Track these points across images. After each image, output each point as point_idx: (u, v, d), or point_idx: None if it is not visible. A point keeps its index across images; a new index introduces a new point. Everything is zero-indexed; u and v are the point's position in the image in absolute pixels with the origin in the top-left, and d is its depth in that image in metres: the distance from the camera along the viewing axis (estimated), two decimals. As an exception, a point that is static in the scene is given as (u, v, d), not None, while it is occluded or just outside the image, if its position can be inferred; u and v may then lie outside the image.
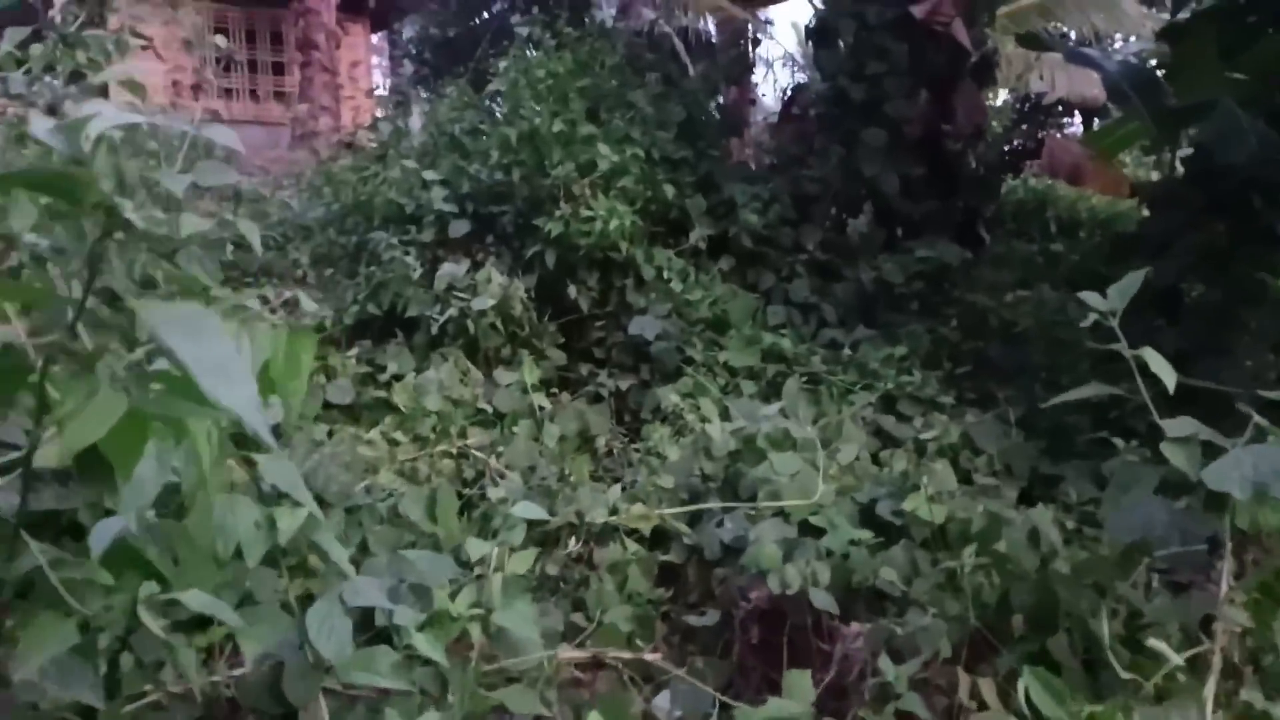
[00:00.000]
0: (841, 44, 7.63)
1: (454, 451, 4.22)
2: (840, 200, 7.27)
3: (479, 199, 6.54)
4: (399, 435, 4.30)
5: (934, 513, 3.56)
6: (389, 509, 3.45)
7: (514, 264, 6.19)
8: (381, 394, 5.29)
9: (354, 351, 5.75)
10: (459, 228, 6.37)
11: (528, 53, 7.18)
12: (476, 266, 6.22)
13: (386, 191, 6.78)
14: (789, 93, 7.96)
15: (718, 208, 6.76)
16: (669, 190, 6.21)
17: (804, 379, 5.44)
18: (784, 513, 3.80)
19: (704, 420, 4.36)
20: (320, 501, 3.31)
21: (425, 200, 6.50)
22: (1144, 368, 2.31)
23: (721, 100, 8.99)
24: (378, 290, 6.04)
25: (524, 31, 7.40)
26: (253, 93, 18.40)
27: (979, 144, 7.62)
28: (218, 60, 17.77)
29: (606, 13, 22.17)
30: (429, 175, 6.39)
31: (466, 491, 4.17)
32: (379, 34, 28.43)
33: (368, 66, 19.68)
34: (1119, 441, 4.40)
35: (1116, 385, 5.24)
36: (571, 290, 5.87)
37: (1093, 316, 2.42)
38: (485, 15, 26.18)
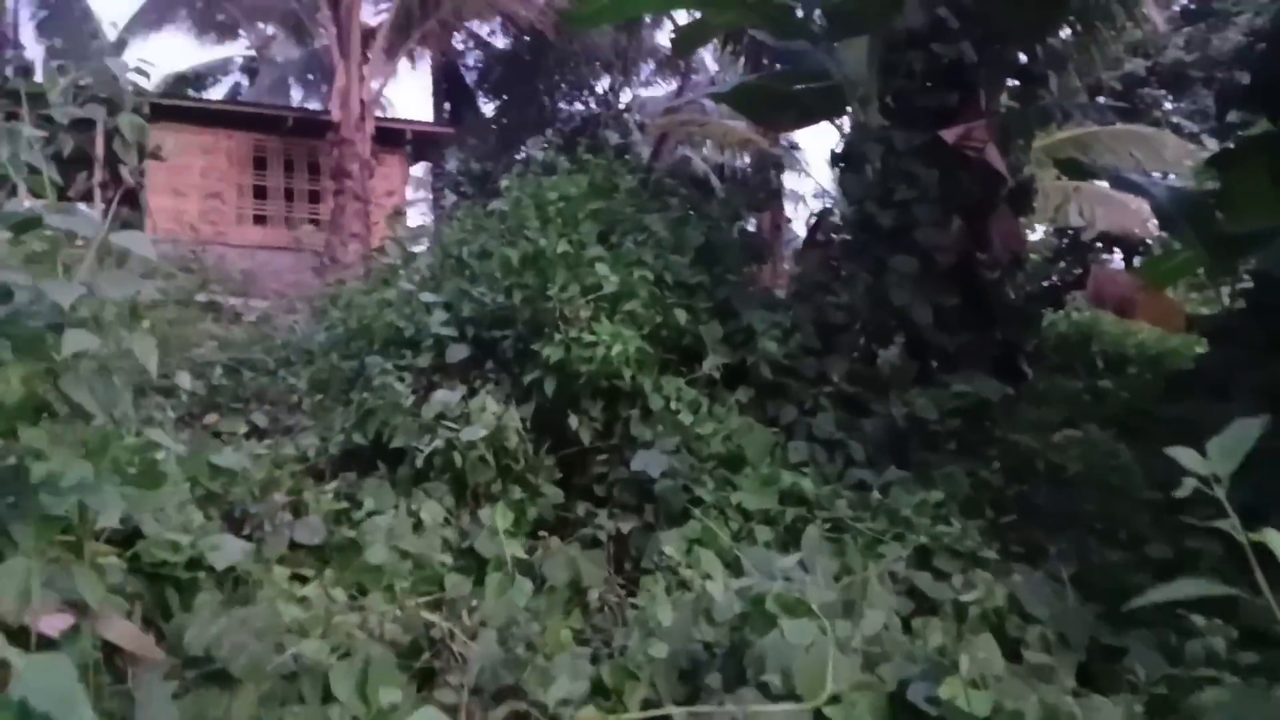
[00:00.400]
0: (869, 169, 7.31)
1: (399, 612, 3.63)
2: (868, 330, 6.79)
3: (480, 323, 6.15)
4: (339, 592, 3.73)
5: (977, 703, 2.93)
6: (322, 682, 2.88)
7: (513, 391, 5.73)
8: (353, 534, 4.77)
9: (332, 485, 5.27)
10: (457, 352, 5.96)
11: (542, 179, 6.91)
12: (474, 393, 5.78)
13: (387, 314, 6.42)
14: (814, 218, 7.62)
15: (735, 335, 6.30)
16: (681, 316, 5.78)
17: (827, 525, 4.85)
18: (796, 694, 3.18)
19: (706, 577, 3.77)
20: (225, 677, 2.76)
21: (424, 324, 6.13)
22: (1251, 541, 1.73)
23: (749, 227, 8.67)
24: (365, 418, 5.60)
25: (539, 155, 7.17)
26: (287, 220, 18.60)
27: (1017, 274, 7.16)
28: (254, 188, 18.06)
29: (640, 146, 22.47)
30: (426, 297, 6.03)
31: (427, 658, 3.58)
32: (424, 165, 29.04)
33: (402, 197, 19.92)
34: (1197, 619, 3.77)
35: (1182, 545, 4.58)
36: (573, 421, 5.38)
37: (1190, 484, 1.84)
38: (524, 149, 26.79)
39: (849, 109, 7.51)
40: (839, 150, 7.49)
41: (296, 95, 28.83)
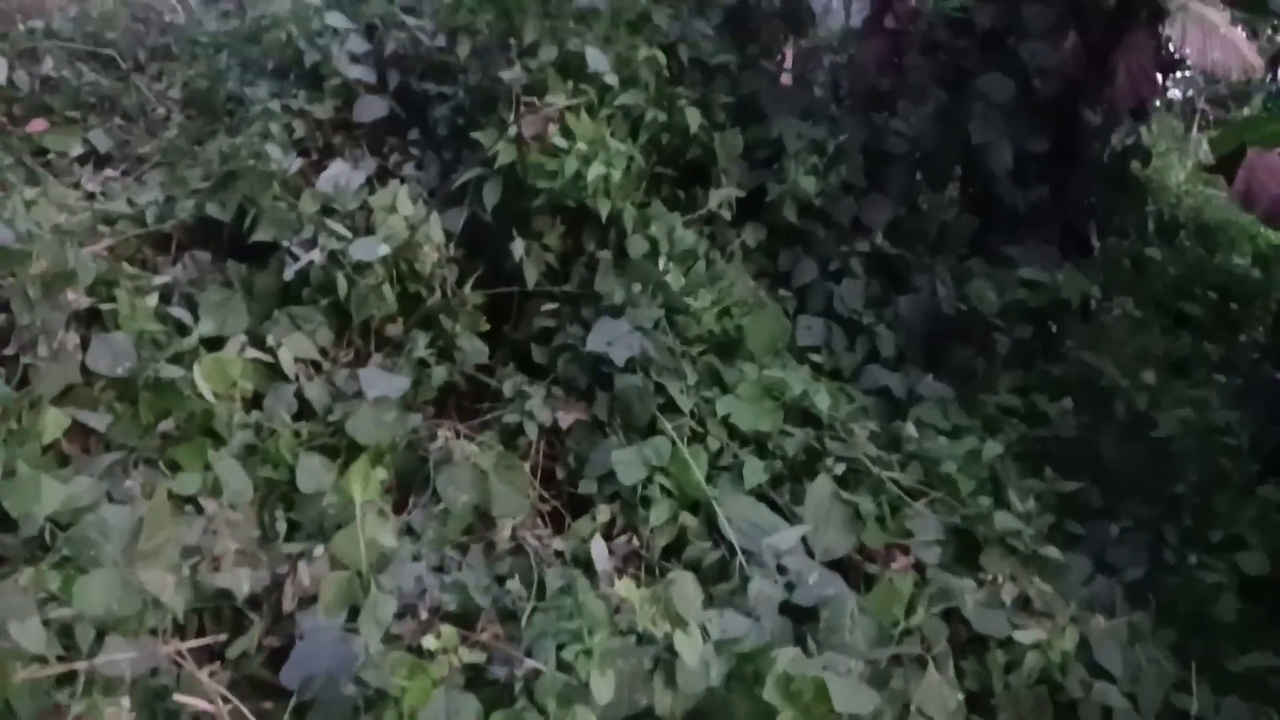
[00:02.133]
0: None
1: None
2: (926, 166, 5.15)
3: (411, 69, 4.36)
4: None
5: None
6: None
7: (441, 184, 4.08)
8: (176, 371, 3.27)
9: (163, 279, 3.70)
10: (370, 108, 4.22)
11: None
12: (385, 176, 4.13)
13: (284, 27, 4.55)
14: (885, -7, 5.70)
15: (757, 148, 4.63)
16: (694, 118, 4.07)
17: (839, 467, 3.50)
18: None
19: (672, 623, 2.39)
20: None
21: (331, 54, 4.31)
22: None
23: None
24: (225, 183, 3.93)
25: None
26: None
27: (1136, 126, 5.50)
28: None
29: None
30: (335, 20, 4.17)
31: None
32: None
33: None
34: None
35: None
36: (517, 247, 3.79)
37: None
38: None
39: None
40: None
41: None
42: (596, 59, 3.46)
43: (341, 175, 3.92)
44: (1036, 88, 5.16)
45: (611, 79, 3.53)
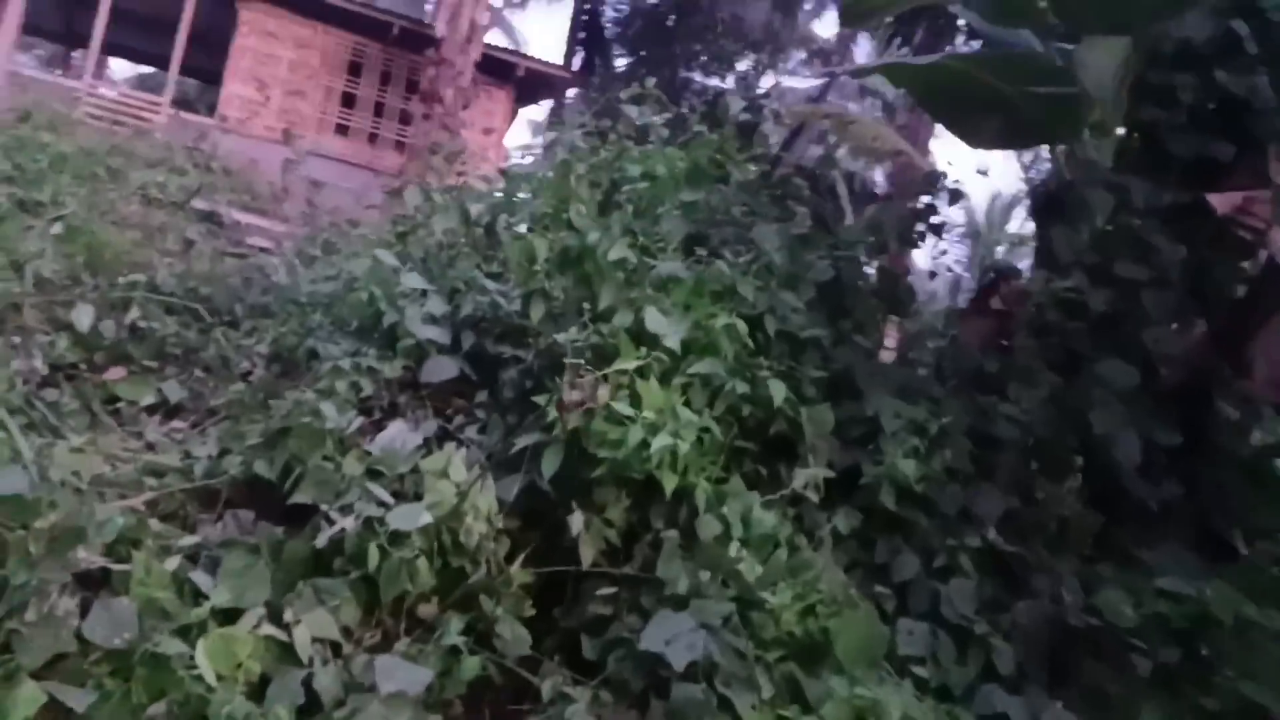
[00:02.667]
0: (1085, 228, 5.13)
1: None
2: (1042, 457, 4.66)
3: (486, 331, 4.23)
4: None
5: None
6: None
7: (502, 448, 3.79)
8: (178, 647, 2.89)
9: (193, 539, 3.41)
10: (439, 369, 4.05)
11: (626, 145, 4.94)
12: (445, 437, 3.87)
13: (367, 287, 4.52)
14: (991, 276, 5.49)
15: (850, 426, 4.25)
16: (778, 391, 3.74)
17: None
18: None
19: None
20: None
21: (408, 314, 4.22)
22: None
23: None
24: (277, 440, 3.72)
25: (633, 113, 5.20)
26: (372, 135, 16.97)
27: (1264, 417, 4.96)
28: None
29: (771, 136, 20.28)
30: (412, 281, 4.10)
31: None
32: (548, 109, 26.90)
33: (500, 136, 18.11)
34: None
35: None
36: (575, 521, 3.39)
37: None
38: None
39: (1081, 135, 5.32)
40: (1046, 191, 5.33)
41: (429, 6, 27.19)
42: (656, 320, 3.21)
43: (398, 436, 3.68)
44: (1161, 375, 4.72)
45: (672, 341, 3.26)
